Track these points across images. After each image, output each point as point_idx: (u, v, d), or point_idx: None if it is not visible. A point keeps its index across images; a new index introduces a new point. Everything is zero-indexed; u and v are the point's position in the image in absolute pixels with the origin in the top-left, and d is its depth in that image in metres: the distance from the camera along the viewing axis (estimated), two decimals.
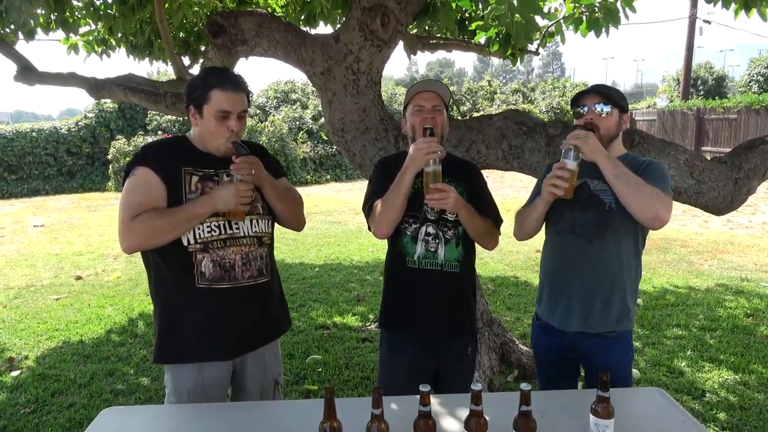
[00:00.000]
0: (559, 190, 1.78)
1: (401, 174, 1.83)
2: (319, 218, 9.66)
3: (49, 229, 9.52)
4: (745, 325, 4.29)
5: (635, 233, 1.89)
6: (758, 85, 24.97)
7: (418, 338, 1.97)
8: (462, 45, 4.82)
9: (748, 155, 2.72)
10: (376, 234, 1.91)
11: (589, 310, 1.89)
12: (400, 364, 1.98)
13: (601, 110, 1.86)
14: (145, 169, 1.78)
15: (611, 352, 1.91)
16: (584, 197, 1.89)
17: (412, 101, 1.99)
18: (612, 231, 1.85)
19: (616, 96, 1.89)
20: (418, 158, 1.78)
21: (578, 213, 1.90)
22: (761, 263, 6.26)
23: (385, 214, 1.85)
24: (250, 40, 3.16)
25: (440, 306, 1.97)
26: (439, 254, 1.93)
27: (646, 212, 1.73)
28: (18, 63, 4.44)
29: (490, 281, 5.68)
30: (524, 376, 3.46)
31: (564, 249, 1.96)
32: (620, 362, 1.92)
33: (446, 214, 1.94)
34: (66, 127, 16.07)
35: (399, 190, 1.82)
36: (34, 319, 4.85)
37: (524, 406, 1.33)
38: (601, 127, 1.85)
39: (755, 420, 2.93)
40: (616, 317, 1.89)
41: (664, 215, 1.73)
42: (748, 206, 9.41)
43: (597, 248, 1.87)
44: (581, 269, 1.90)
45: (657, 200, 1.72)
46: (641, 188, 1.73)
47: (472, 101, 21.56)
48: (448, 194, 1.79)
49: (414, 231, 1.93)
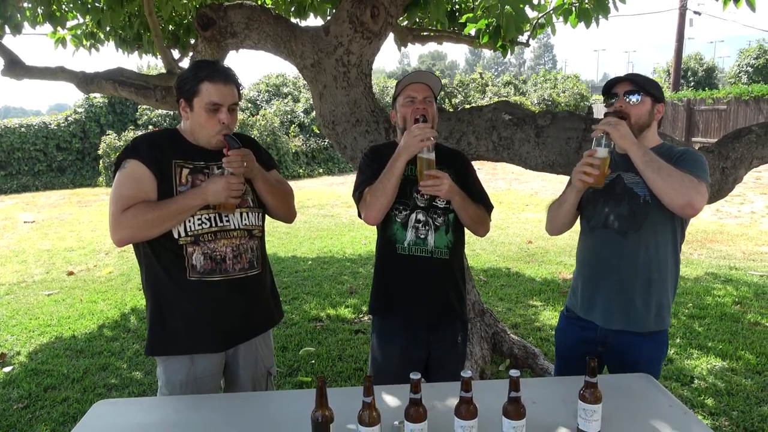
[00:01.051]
0: (589, 177, 1.73)
1: (394, 159, 1.83)
2: (312, 211, 9.66)
3: (40, 225, 9.45)
4: (733, 313, 4.35)
5: (673, 226, 1.83)
6: (747, 76, 25.15)
7: (408, 325, 1.99)
8: (452, 37, 4.83)
9: (735, 145, 2.75)
10: (366, 220, 1.92)
11: (629, 307, 1.85)
12: (391, 352, 1.99)
13: (632, 98, 1.82)
14: (135, 161, 1.78)
15: (644, 349, 1.87)
16: (618, 190, 1.85)
17: (403, 92, 1.99)
18: (648, 224, 1.80)
19: (648, 84, 1.84)
20: (412, 144, 1.78)
21: (612, 207, 1.86)
22: (749, 252, 6.33)
23: (376, 200, 1.85)
24: (239, 32, 3.14)
25: (430, 292, 1.98)
26: (429, 241, 1.95)
27: (677, 199, 1.66)
28: (5, 57, 4.40)
29: (483, 272, 5.72)
30: (516, 365, 3.49)
31: (599, 244, 1.91)
32: (652, 359, 1.88)
33: (436, 201, 1.95)
34: (55, 122, 15.92)
35: (391, 175, 1.83)
36: (26, 315, 4.83)
37: (513, 392, 1.35)
38: (632, 115, 1.80)
39: (742, 405, 2.98)
40: (656, 315, 1.85)
41: (697, 202, 1.65)
42: (737, 196, 9.50)
43: (633, 242, 1.82)
44: (617, 264, 1.86)
45: (688, 186, 1.65)
46: (672, 174, 1.66)
47: (464, 93, 21.55)
48: (442, 180, 1.79)
49: (404, 218, 1.94)
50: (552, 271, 5.71)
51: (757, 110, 15.81)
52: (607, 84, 1.89)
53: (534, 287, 5.18)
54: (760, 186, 10.90)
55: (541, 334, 4.05)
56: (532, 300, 4.85)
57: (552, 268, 5.85)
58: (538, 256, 6.32)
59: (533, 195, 10.95)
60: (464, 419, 1.35)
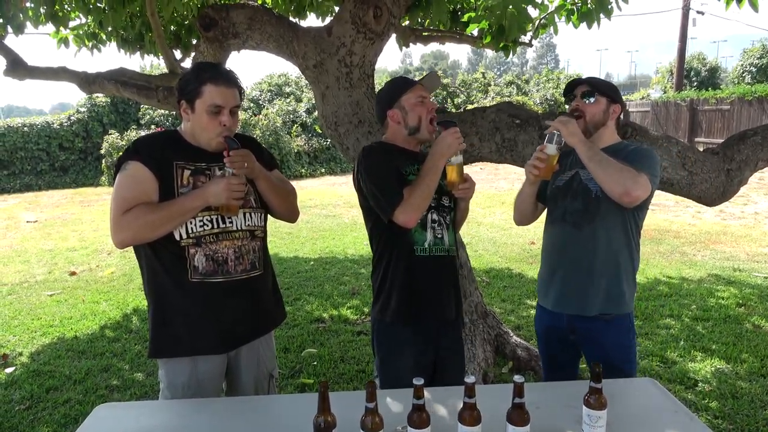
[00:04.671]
0: (535, 170, 1.90)
1: (435, 160, 1.85)
2: (314, 212, 9.65)
3: (43, 225, 9.47)
4: (737, 315, 4.33)
5: (623, 218, 1.94)
6: (751, 75, 25.06)
7: (421, 330, 1.96)
8: (455, 37, 4.81)
9: (740, 146, 2.73)
10: (407, 223, 1.84)
11: (581, 293, 1.97)
12: (405, 364, 1.93)
13: (588, 99, 1.97)
14: (136, 163, 1.77)
15: (609, 334, 1.97)
16: (575, 186, 2.00)
17: (412, 91, 2.00)
18: (600, 218, 1.93)
19: (602, 86, 1.99)
20: (453, 146, 1.84)
21: (569, 202, 2.00)
22: (753, 253, 6.31)
23: (424, 201, 1.86)
24: (241, 33, 3.14)
25: (448, 290, 2.02)
26: (446, 240, 1.99)
27: (614, 188, 1.80)
28: (7, 57, 4.40)
29: (485, 273, 5.70)
30: (519, 367, 3.48)
31: (556, 236, 2.06)
32: (618, 344, 1.98)
33: (443, 200, 2.00)
34: (58, 121, 15.96)
35: (435, 176, 1.86)
36: (28, 315, 4.83)
37: (518, 398, 1.33)
38: (587, 113, 1.96)
39: (747, 408, 2.96)
40: (610, 300, 1.96)
41: (633, 191, 1.78)
42: (741, 197, 9.46)
43: (586, 235, 1.95)
44: (572, 255, 2.00)
45: (626, 177, 1.78)
46: (611, 166, 1.81)
47: (467, 93, 21.51)
48: (473, 185, 1.93)
49: (422, 219, 1.94)
50: None
51: (760, 110, 15.76)
52: (567, 85, 2.06)
53: (536, 288, 5.16)
54: (764, 187, 10.86)
55: None
56: (535, 301, 4.82)
57: None
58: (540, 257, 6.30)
59: None
60: (468, 425, 1.34)
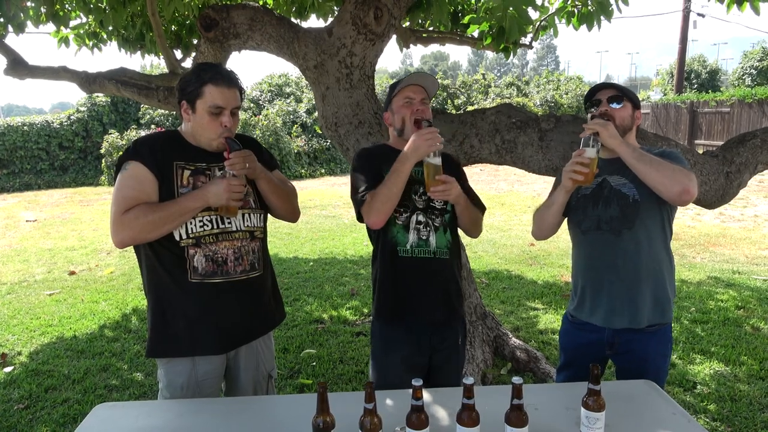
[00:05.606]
0: (579, 176, 1.78)
1: (401, 163, 1.81)
2: (314, 212, 9.65)
3: (42, 224, 9.46)
4: (736, 318, 4.33)
5: (662, 221, 1.90)
6: (751, 78, 25.08)
7: (412, 330, 1.97)
8: (455, 38, 4.82)
9: (739, 149, 2.73)
10: (372, 225, 1.90)
11: (632, 305, 1.89)
12: (395, 360, 1.97)
13: (615, 103, 1.91)
14: (136, 163, 1.78)
15: (651, 344, 1.91)
16: (606, 193, 1.91)
17: (400, 93, 2.00)
18: (640, 222, 1.86)
19: (628, 92, 1.94)
20: (421, 148, 1.77)
21: (602, 209, 1.91)
22: (753, 256, 6.31)
23: (383, 204, 1.84)
24: (242, 33, 3.14)
25: (435, 293, 1.98)
26: (431, 242, 1.95)
27: (674, 187, 1.72)
28: (8, 56, 4.41)
29: (484, 275, 5.70)
30: (518, 369, 3.48)
31: (593, 245, 1.95)
32: (658, 354, 1.93)
33: (433, 202, 1.95)
34: (58, 121, 15.96)
35: (398, 179, 1.81)
36: (27, 314, 4.83)
37: (516, 399, 1.34)
38: (617, 118, 1.88)
39: (745, 411, 2.96)
40: (660, 309, 1.90)
41: (692, 188, 1.73)
42: (740, 199, 9.47)
43: (627, 241, 1.87)
44: (615, 264, 1.90)
45: (681, 174, 1.73)
46: (664, 165, 1.74)
47: (467, 95, 21.52)
48: (452, 185, 1.81)
49: (405, 220, 1.93)
50: (554, 274, 5.69)
51: (760, 113, 15.78)
52: (590, 91, 1.98)
53: (536, 290, 5.17)
54: (764, 189, 10.86)
55: (542, 337, 4.04)
56: (534, 303, 4.84)
57: (554, 270, 5.84)
58: (540, 259, 6.31)
59: (535, 197, 10.91)
60: (466, 426, 1.34)
